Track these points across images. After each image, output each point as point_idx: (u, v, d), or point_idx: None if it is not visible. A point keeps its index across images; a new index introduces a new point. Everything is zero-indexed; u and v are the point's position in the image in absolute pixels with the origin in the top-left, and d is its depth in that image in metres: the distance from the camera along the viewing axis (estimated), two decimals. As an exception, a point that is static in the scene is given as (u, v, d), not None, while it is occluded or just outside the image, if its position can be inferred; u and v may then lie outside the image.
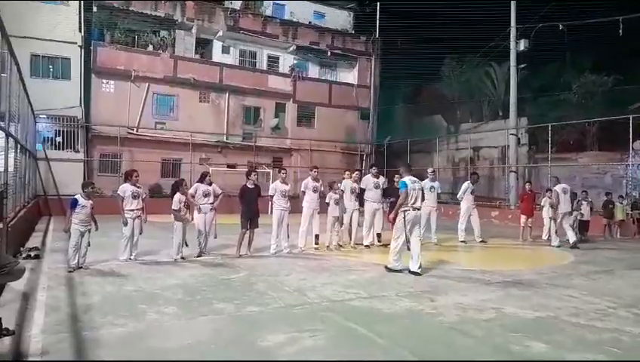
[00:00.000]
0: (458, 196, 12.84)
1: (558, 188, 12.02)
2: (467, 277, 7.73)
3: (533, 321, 5.26)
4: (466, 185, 12.70)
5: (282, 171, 10.40)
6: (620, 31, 18.40)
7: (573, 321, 5.25)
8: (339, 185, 10.82)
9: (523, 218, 13.06)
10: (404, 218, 7.86)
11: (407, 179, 8.08)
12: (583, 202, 14.17)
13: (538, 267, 9.13)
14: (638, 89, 22.17)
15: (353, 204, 10.96)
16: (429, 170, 12.79)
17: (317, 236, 10.59)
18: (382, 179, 11.31)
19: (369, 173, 11.49)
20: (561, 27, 19.95)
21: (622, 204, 14.93)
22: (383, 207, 11.13)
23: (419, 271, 7.76)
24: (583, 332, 4.89)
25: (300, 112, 26.43)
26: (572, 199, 13.16)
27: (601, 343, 4.55)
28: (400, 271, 7.91)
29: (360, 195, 11.00)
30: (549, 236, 12.29)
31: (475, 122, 29.52)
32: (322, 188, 10.60)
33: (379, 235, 11.25)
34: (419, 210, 8.06)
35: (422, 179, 12.42)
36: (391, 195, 11.22)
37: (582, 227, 14.04)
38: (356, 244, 10.98)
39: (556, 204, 11.89)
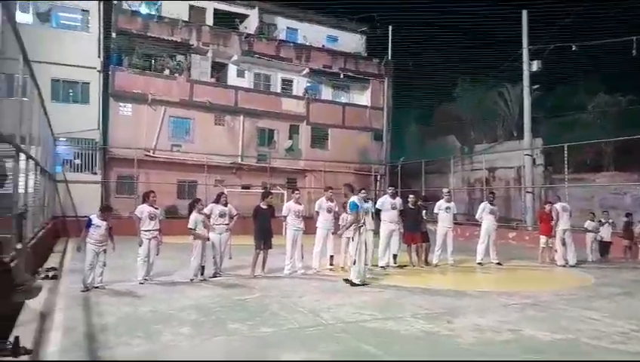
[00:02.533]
0: (477, 217, 12.68)
1: (557, 205, 12.42)
2: (484, 299, 7.62)
3: (552, 343, 5.14)
4: (482, 205, 12.55)
5: (296, 192, 10.47)
6: (634, 51, 18.25)
7: (594, 344, 5.12)
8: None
9: (542, 239, 12.72)
10: (359, 235, 8.67)
11: (356, 199, 8.84)
12: (605, 223, 13.89)
13: (557, 288, 8.96)
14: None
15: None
16: (445, 190, 12.70)
17: (331, 257, 10.56)
18: (399, 200, 11.27)
19: (386, 193, 11.48)
20: (573, 48, 19.90)
21: None
22: (399, 228, 11.08)
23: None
24: (604, 355, 4.76)
25: (314, 134, 26.59)
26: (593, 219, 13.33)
27: (625, 366, 4.43)
28: (361, 284, 8.47)
29: (377, 216, 10.91)
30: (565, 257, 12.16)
31: (489, 142, 29.36)
32: (336, 209, 10.58)
33: (395, 256, 11.15)
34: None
35: (437, 200, 12.45)
36: (406, 216, 11.23)
37: (603, 248, 13.77)
38: (373, 266, 10.58)
39: (555, 220, 12.15)
